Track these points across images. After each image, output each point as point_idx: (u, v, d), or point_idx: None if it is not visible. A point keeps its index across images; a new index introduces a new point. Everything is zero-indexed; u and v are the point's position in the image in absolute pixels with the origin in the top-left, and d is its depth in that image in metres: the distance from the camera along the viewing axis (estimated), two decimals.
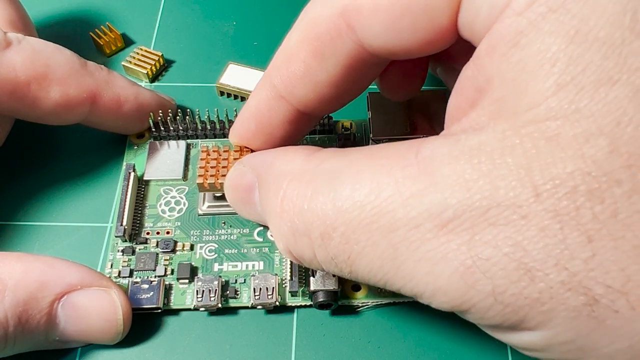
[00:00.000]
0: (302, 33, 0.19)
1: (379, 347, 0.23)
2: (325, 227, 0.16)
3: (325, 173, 0.17)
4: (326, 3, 0.18)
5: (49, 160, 0.28)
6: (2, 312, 0.20)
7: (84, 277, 0.22)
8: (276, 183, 0.18)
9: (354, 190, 0.15)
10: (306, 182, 0.17)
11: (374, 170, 0.15)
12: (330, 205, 0.16)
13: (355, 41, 0.18)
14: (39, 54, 0.24)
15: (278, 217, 0.18)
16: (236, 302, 0.24)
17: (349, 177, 0.16)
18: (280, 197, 0.18)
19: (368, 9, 0.17)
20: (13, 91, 0.23)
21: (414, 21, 0.16)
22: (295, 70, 0.20)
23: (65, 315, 0.21)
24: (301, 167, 0.18)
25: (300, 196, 0.17)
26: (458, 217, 0.14)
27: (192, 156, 0.28)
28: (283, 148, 0.20)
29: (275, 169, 0.19)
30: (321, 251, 0.17)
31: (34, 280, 0.21)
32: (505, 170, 0.13)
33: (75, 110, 0.25)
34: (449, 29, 0.16)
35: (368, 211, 0.15)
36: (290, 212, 0.17)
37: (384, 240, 0.15)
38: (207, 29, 0.34)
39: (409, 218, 0.14)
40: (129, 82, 0.27)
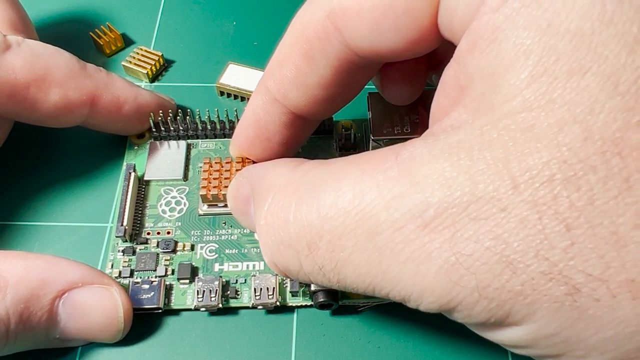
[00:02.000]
0: (293, 37, 0.20)
1: (379, 347, 0.23)
2: (311, 236, 0.16)
3: (308, 183, 0.17)
4: (315, 6, 0.19)
5: (50, 160, 0.28)
6: (3, 309, 0.20)
7: (85, 274, 0.22)
8: (263, 196, 0.18)
9: (338, 197, 0.16)
10: (290, 194, 0.17)
11: (356, 176, 0.15)
12: (315, 214, 0.16)
13: (343, 43, 0.18)
14: (38, 56, 0.24)
15: (264, 231, 0.18)
16: (237, 302, 0.24)
17: (332, 184, 0.16)
18: (264, 211, 0.18)
19: (353, 11, 0.17)
20: (12, 94, 0.23)
21: (396, 21, 0.17)
22: (287, 73, 0.20)
23: (66, 312, 0.21)
24: (287, 179, 0.18)
25: (284, 208, 0.17)
26: (439, 216, 0.14)
27: (192, 156, 0.28)
28: (274, 161, 0.21)
29: (264, 182, 0.19)
30: (308, 262, 0.17)
31: (35, 278, 0.21)
32: (483, 165, 0.13)
33: (75, 113, 0.25)
34: (430, 29, 0.17)
35: (352, 217, 0.15)
36: (275, 225, 0.17)
37: (369, 244, 0.15)
38: (207, 29, 0.34)
39: (392, 220, 0.14)
40: (128, 83, 0.27)
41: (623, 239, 0.12)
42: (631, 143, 0.12)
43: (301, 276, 0.18)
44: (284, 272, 0.18)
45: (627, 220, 0.12)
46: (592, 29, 0.13)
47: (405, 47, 0.17)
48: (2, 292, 0.20)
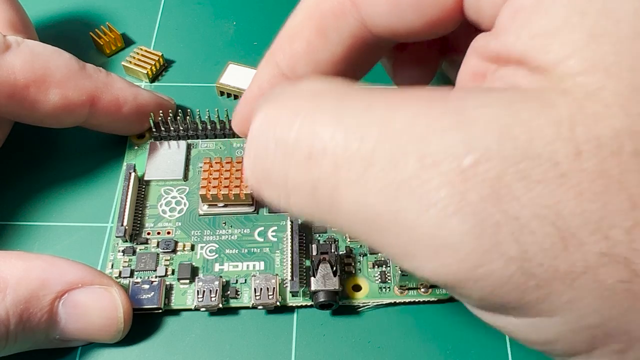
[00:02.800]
0: (306, 11, 0.19)
1: (379, 347, 0.23)
2: (317, 149, 0.14)
3: (334, 93, 0.15)
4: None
5: (50, 160, 0.28)
6: (3, 310, 0.20)
7: (85, 275, 0.22)
8: (273, 94, 0.16)
9: (365, 111, 0.13)
10: (307, 97, 0.15)
11: (393, 100, 0.13)
12: (329, 123, 0.14)
13: (359, 20, 0.18)
14: (38, 56, 0.24)
15: (259, 122, 0.15)
16: (237, 302, 0.24)
17: (361, 99, 0.14)
18: (268, 103, 0.15)
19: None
20: (12, 94, 0.23)
21: (419, 1, 0.16)
22: (298, 48, 0.19)
23: (66, 313, 0.21)
24: (311, 83, 0.16)
25: (295, 108, 0.15)
26: (484, 163, 0.12)
27: (192, 156, 0.28)
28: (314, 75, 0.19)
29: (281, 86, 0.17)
30: (300, 172, 0.14)
31: (35, 279, 0.21)
32: (544, 122, 0.12)
33: (75, 113, 0.25)
34: (454, 9, 0.16)
35: (373, 139, 0.13)
36: (276, 121, 0.15)
37: (385, 174, 0.13)
38: (207, 29, 0.34)
39: (422, 154, 0.12)
40: (127, 83, 0.27)
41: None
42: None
43: (280, 192, 0.15)
44: (260, 180, 0.16)
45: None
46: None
47: (425, 28, 0.16)
48: (2, 292, 0.20)
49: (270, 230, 0.26)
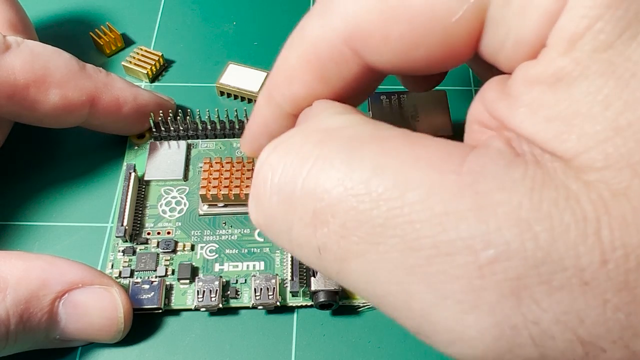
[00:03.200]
0: (303, 55, 0.17)
1: (379, 347, 0.23)
2: (323, 206, 0.13)
3: (344, 139, 0.14)
4: (326, 25, 0.16)
5: (50, 160, 0.28)
6: (3, 310, 0.20)
7: (85, 275, 0.22)
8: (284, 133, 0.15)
9: (375, 174, 0.13)
10: (316, 142, 0.14)
11: (406, 159, 0.13)
12: (336, 182, 0.13)
13: (362, 64, 0.16)
14: (37, 57, 0.24)
15: (263, 168, 0.15)
16: (237, 302, 0.24)
17: (372, 154, 0.13)
18: (275, 145, 0.15)
19: (377, 38, 0.15)
20: (12, 94, 0.23)
21: (429, 51, 0.15)
22: (298, 90, 0.18)
23: (66, 313, 0.21)
24: (320, 122, 0.15)
25: (302, 156, 0.14)
26: (503, 262, 0.11)
27: (192, 156, 0.28)
28: (322, 101, 0.18)
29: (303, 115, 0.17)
30: (303, 231, 0.14)
31: (36, 278, 0.21)
32: (569, 219, 0.11)
33: (74, 113, 0.25)
34: (467, 56, 0.15)
35: (384, 211, 0.12)
36: (281, 170, 0.14)
37: (398, 255, 0.12)
38: (207, 29, 0.34)
39: (437, 241, 0.12)
40: (127, 83, 0.27)
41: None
42: None
43: (283, 241, 0.15)
44: (262, 226, 0.15)
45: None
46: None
47: (435, 68, 0.16)
48: (2, 292, 0.20)
49: None
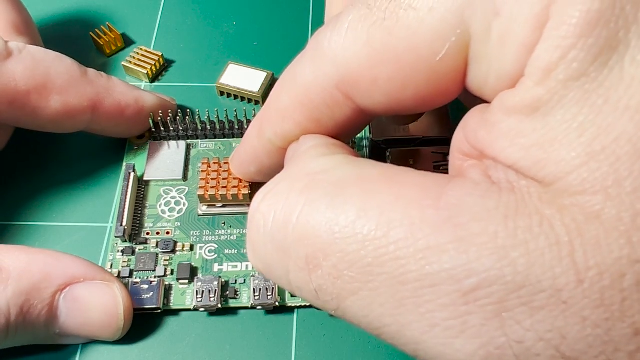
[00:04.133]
0: (295, 98, 0.18)
1: (379, 347, 0.23)
2: (314, 251, 0.14)
3: (329, 183, 0.15)
4: (318, 71, 0.17)
5: (49, 161, 0.28)
6: (4, 301, 0.20)
7: (87, 270, 0.22)
8: (271, 180, 0.16)
9: (359, 217, 0.13)
10: (301, 189, 0.15)
11: (387, 199, 0.13)
12: (325, 227, 0.14)
13: (354, 107, 0.17)
14: (39, 63, 0.24)
15: (255, 217, 0.16)
16: (236, 302, 0.24)
17: (355, 197, 0.14)
18: (263, 194, 0.16)
19: (367, 82, 0.16)
20: (13, 101, 0.23)
21: (418, 91, 0.15)
22: (290, 128, 0.19)
23: (67, 307, 0.21)
24: (305, 166, 0.16)
25: (290, 204, 0.15)
26: (485, 288, 0.12)
27: (192, 156, 0.28)
28: (308, 137, 0.18)
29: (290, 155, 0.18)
30: (300, 275, 0.15)
31: (38, 271, 0.21)
32: (544, 245, 0.11)
33: (76, 119, 0.25)
34: (456, 90, 0.16)
35: (371, 250, 0.13)
36: (271, 219, 0.15)
37: (387, 290, 0.13)
38: (207, 29, 0.34)
39: (422, 274, 0.12)
40: (129, 87, 0.27)
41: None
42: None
43: (283, 284, 0.16)
44: (262, 270, 0.16)
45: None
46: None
47: (425, 108, 0.16)
48: (3, 283, 0.20)
49: None
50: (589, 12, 0.12)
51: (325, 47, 0.16)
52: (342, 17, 0.16)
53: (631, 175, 0.11)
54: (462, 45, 0.14)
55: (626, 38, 0.12)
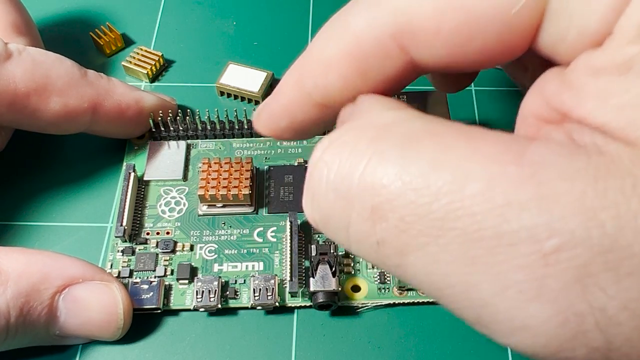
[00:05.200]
0: (344, 48, 0.17)
1: (379, 347, 0.23)
2: (381, 201, 0.13)
3: (399, 135, 0.14)
4: (374, 19, 0.16)
5: (50, 161, 0.28)
6: (4, 302, 0.20)
7: (86, 270, 0.22)
8: (335, 130, 0.15)
9: (433, 169, 0.12)
10: (370, 139, 0.14)
11: (464, 153, 0.12)
12: (394, 177, 0.13)
13: (407, 61, 0.16)
14: (39, 65, 0.24)
15: (318, 165, 0.15)
16: (236, 302, 0.24)
17: (429, 148, 0.13)
18: (329, 142, 0.14)
19: (429, 32, 0.15)
20: (12, 103, 0.23)
21: (484, 45, 0.14)
22: (334, 82, 0.17)
23: (66, 308, 0.21)
24: (372, 118, 0.15)
25: (357, 153, 0.14)
26: (568, 250, 0.11)
27: (192, 157, 0.28)
28: (368, 95, 0.17)
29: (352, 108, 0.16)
30: (362, 227, 0.14)
31: (37, 272, 0.21)
32: (636, 207, 0.11)
33: (76, 121, 0.25)
34: (524, 46, 0.14)
35: (444, 204, 0.12)
36: (337, 167, 0.14)
37: (459, 247, 0.12)
38: (207, 29, 0.34)
39: (500, 232, 0.11)
40: (129, 88, 0.27)
41: None
42: None
43: (341, 238, 0.15)
44: (319, 222, 0.15)
45: None
46: None
47: (488, 63, 0.15)
48: (2, 285, 0.20)
49: (270, 231, 0.26)
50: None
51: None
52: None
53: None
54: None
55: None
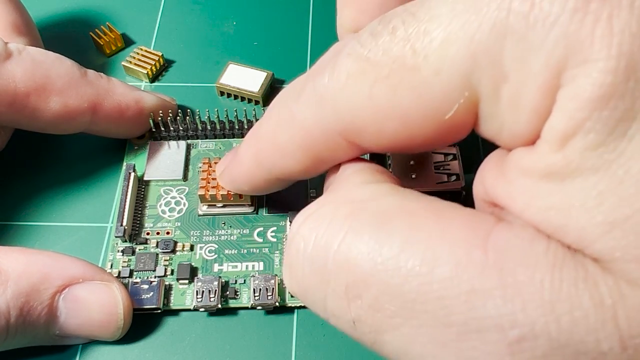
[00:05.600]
0: (295, 140, 0.18)
1: None
2: (355, 280, 0.14)
3: (372, 213, 0.14)
4: (319, 117, 0.16)
5: (50, 161, 0.28)
6: (4, 302, 0.20)
7: (86, 270, 0.22)
8: (315, 201, 0.16)
9: (403, 250, 0.13)
10: (345, 215, 0.15)
11: (433, 235, 0.13)
12: (367, 256, 0.14)
13: (358, 150, 0.17)
14: (39, 65, 0.24)
15: (295, 240, 0.16)
16: (236, 302, 0.24)
17: (400, 230, 0.14)
18: (304, 217, 0.16)
19: (371, 133, 0.16)
20: (12, 102, 0.23)
21: (425, 139, 0.15)
22: (291, 165, 0.18)
23: (67, 308, 0.21)
24: (348, 193, 0.16)
25: (332, 231, 0.15)
26: (530, 341, 0.12)
27: (192, 157, 0.28)
28: (350, 164, 0.18)
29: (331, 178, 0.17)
30: (338, 304, 0.14)
31: (37, 272, 0.21)
32: (588, 304, 0.11)
33: (76, 121, 0.25)
34: (466, 134, 0.15)
35: (414, 286, 0.13)
36: (311, 243, 0.15)
37: (431, 330, 0.13)
38: (207, 29, 0.34)
39: (468, 318, 0.12)
40: (129, 88, 0.27)
41: None
42: None
43: (318, 310, 0.15)
44: (297, 293, 0.16)
45: None
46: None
47: (433, 148, 0.17)
48: (2, 285, 0.20)
49: (270, 231, 0.26)
50: (601, 86, 0.11)
51: (324, 94, 0.16)
52: (339, 64, 0.16)
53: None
54: (472, 104, 0.14)
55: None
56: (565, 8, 0.12)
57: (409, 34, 0.14)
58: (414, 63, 0.14)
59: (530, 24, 0.12)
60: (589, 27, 0.11)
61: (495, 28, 0.13)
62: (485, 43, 0.13)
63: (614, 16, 0.11)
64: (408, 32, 0.14)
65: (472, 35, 0.13)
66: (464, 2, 0.13)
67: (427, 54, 0.14)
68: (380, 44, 0.15)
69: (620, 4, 0.11)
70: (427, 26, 0.14)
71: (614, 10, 0.11)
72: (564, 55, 0.12)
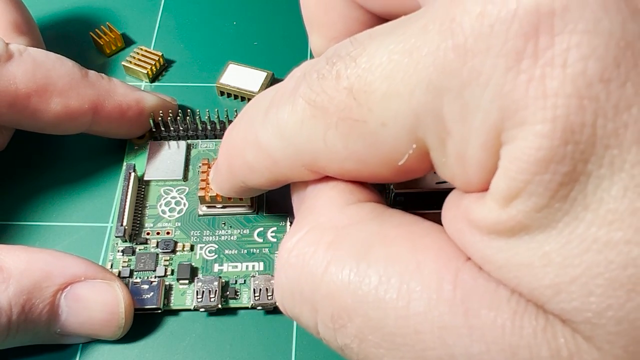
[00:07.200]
0: (263, 164, 0.18)
1: None
2: (339, 310, 0.14)
3: (353, 241, 0.15)
4: (283, 151, 0.17)
5: (50, 161, 0.28)
6: (6, 300, 0.20)
7: (88, 269, 0.22)
8: (298, 221, 0.16)
9: (381, 283, 0.13)
10: (328, 244, 0.15)
11: (409, 267, 0.13)
12: (349, 289, 0.14)
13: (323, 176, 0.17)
14: (40, 66, 0.24)
15: (282, 264, 0.16)
16: (236, 302, 0.24)
17: (378, 261, 0.14)
18: (292, 244, 0.16)
19: (334, 169, 0.16)
20: (13, 103, 0.23)
21: (385, 178, 0.15)
22: (261, 181, 0.19)
23: (68, 306, 0.21)
24: (331, 217, 0.16)
25: (317, 259, 0.15)
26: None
27: (192, 157, 0.28)
28: (331, 183, 0.17)
29: (308, 200, 0.17)
30: (326, 332, 0.15)
31: (39, 270, 0.21)
32: (545, 354, 0.12)
33: (77, 121, 0.25)
34: (427, 171, 0.15)
35: (394, 319, 0.13)
36: (299, 271, 0.15)
37: None
38: (207, 29, 0.34)
39: (442, 353, 0.13)
40: (130, 88, 0.27)
41: None
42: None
43: (313, 333, 0.16)
44: (292, 318, 0.17)
45: None
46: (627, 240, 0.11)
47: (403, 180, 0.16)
48: (5, 283, 0.20)
49: (270, 231, 0.26)
50: (539, 149, 0.11)
51: (285, 130, 0.16)
52: (296, 103, 0.15)
53: (610, 308, 0.11)
54: (422, 153, 0.14)
55: (585, 169, 0.11)
56: (497, 66, 0.11)
57: (352, 83, 0.14)
58: (359, 114, 0.14)
59: (464, 82, 0.12)
60: (522, 87, 0.11)
61: (431, 85, 0.12)
62: (425, 98, 0.12)
63: (546, 76, 0.11)
64: (351, 81, 0.14)
65: (412, 90, 0.13)
66: (401, 51, 0.13)
67: (371, 107, 0.13)
68: (326, 89, 0.14)
69: (552, 62, 0.11)
70: (368, 76, 0.13)
71: (546, 69, 0.11)
72: (501, 116, 0.11)
